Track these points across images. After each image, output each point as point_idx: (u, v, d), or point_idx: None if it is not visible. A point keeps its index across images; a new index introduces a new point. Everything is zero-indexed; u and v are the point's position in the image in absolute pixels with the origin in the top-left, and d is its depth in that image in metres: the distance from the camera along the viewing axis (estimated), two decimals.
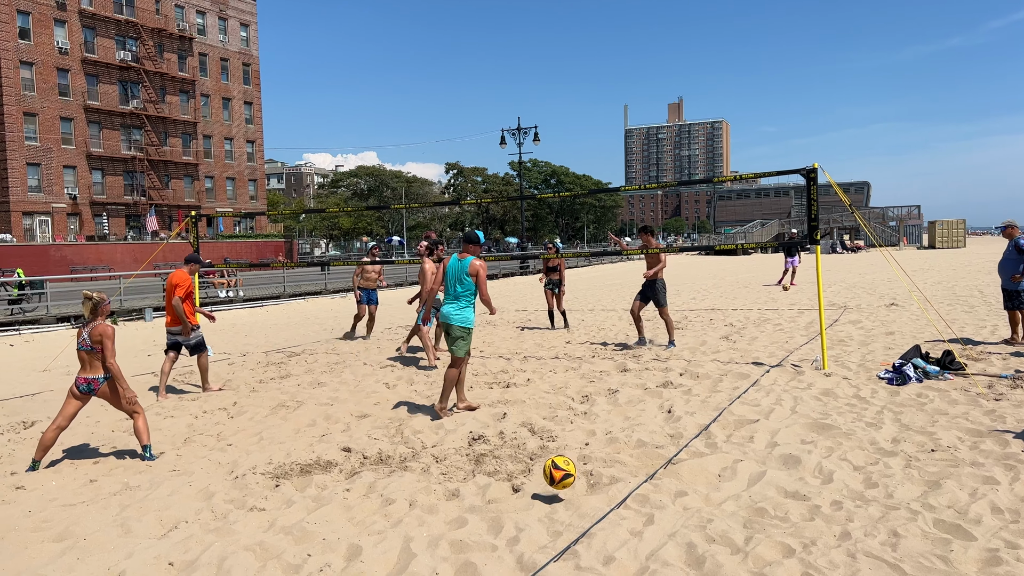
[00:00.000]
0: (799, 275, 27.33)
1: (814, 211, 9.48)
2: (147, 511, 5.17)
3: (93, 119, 56.78)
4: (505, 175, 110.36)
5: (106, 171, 57.96)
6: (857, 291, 21.17)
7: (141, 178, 60.28)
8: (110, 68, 57.60)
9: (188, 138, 64.17)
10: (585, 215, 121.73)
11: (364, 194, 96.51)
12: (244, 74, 69.69)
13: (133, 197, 59.60)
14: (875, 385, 8.32)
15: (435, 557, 4.27)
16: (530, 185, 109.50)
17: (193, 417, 8.05)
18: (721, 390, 8.40)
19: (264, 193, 73.20)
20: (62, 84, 54.65)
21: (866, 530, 4.39)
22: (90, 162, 56.77)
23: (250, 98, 70.26)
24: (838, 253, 58.38)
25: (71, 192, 55.44)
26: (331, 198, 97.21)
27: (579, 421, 7.25)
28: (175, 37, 62.61)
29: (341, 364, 11.30)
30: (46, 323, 18.80)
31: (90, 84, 56.44)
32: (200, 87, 65.06)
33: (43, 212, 53.95)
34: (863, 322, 13.96)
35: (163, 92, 61.73)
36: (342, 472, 5.91)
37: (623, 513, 4.82)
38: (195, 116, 64.37)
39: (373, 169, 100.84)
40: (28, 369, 12.08)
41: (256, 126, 71.00)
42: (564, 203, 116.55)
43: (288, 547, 4.47)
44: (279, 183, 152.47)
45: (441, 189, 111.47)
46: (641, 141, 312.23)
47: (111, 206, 58.21)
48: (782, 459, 5.79)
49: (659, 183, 11.05)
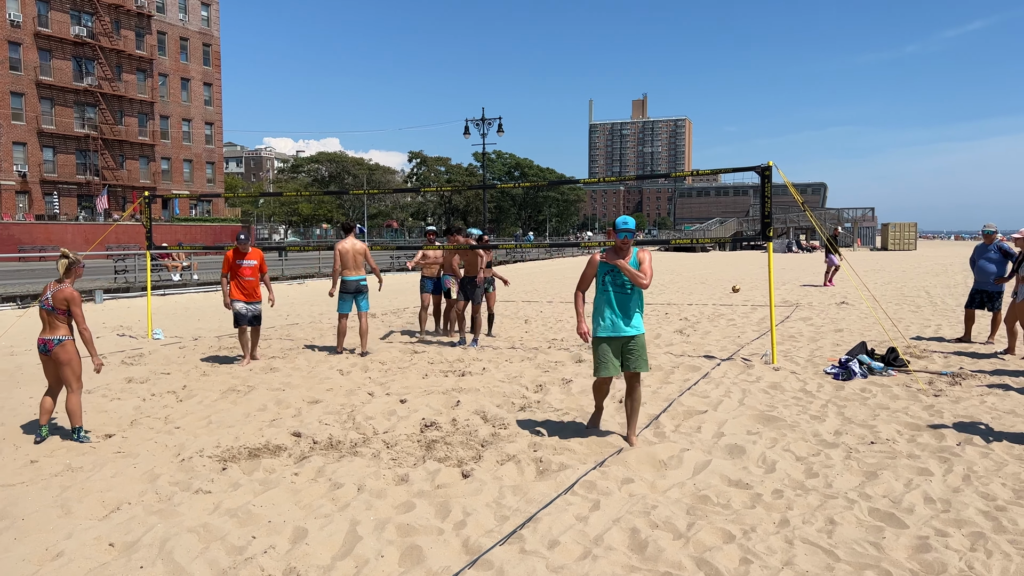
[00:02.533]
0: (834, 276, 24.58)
1: (768, 208, 9.65)
2: (89, 492, 5.09)
3: (45, 95, 55.22)
4: (469, 166, 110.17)
5: (58, 149, 56.43)
6: (809, 290, 21.59)
7: (95, 157, 58.81)
8: (64, 43, 56.03)
9: (144, 118, 62.77)
10: (548, 208, 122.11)
11: (325, 180, 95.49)
12: (204, 54, 68.35)
13: (86, 176, 58.14)
14: (821, 380, 8.52)
15: (381, 540, 4.27)
16: (493, 176, 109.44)
17: (141, 400, 7.92)
18: (672, 382, 8.52)
19: (222, 176, 71.98)
20: (13, 58, 53.02)
21: (804, 518, 4.51)
22: (41, 139, 55.22)
23: (210, 79, 68.95)
24: (794, 252, 59.42)
25: (20, 169, 53.88)
26: (291, 183, 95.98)
27: (532, 409, 7.30)
28: (133, 14, 61.12)
29: (295, 350, 11.20)
30: None
31: (43, 59, 54.85)
32: (158, 66, 63.64)
33: None
34: (813, 319, 14.25)
35: (119, 70, 60.26)
36: (291, 456, 5.87)
37: (570, 499, 4.88)
38: (152, 96, 62.97)
39: (335, 155, 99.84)
40: None
41: (215, 108, 69.72)
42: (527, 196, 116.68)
43: (233, 529, 4.44)
44: (238, 167, 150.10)
45: (404, 178, 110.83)
46: (605, 137, 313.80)
47: (63, 185, 56.72)
48: (727, 449, 5.91)
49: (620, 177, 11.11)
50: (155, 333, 12.98)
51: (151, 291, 13.47)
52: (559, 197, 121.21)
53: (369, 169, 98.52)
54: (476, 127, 44.36)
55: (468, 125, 43.49)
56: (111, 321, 15.40)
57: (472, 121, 43.93)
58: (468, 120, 43.58)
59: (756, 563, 3.92)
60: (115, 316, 16.34)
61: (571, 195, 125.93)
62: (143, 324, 14.48)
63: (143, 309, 16.84)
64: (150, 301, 13.69)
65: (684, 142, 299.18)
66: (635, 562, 3.99)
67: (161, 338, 12.79)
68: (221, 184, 71.04)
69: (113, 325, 14.65)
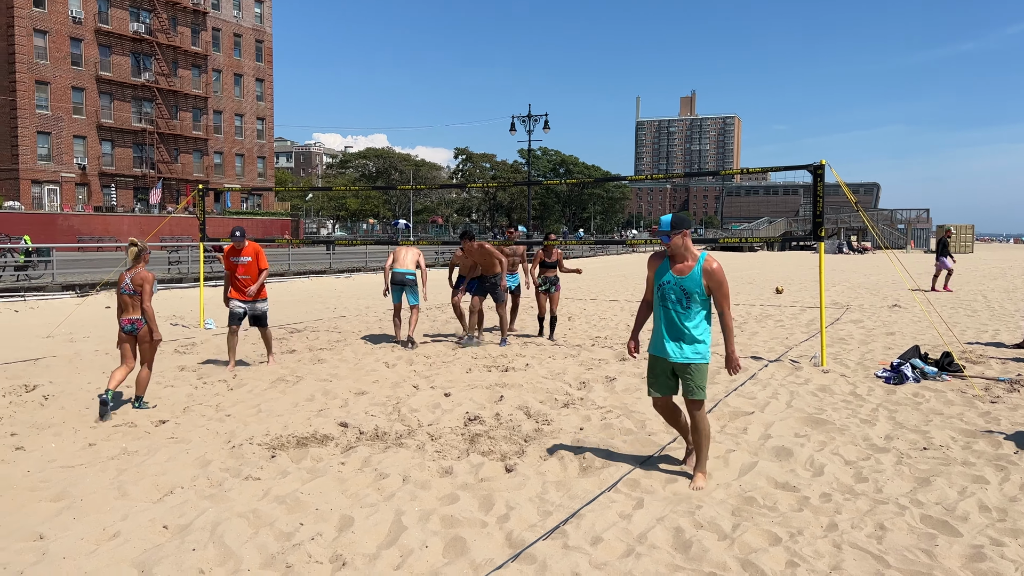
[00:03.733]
0: (952, 280, 22.68)
1: (819, 208, 9.48)
2: (144, 476, 5.23)
3: (104, 90, 56.82)
4: (514, 163, 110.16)
5: (116, 142, 58.03)
6: (860, 291, 21.16)
7: (150, 151, 60.34)
8: (123, 39, 57.56)
9: (199, 113, 64.18)
10: (592, 206, 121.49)
11: (372, 176, 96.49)
12: (257, 50, 69.61)
13: (142, 169, 59.68)
14: (872, 383, 8.35)
15: (425, 531, 4.32)
16: (538, 173, 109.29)
17: (193, 387, 8.11)
18: (718, 382, 8.43)
19: (272, 171, 73.24)
20: (75, 54, 54.66)
21: (853, 522, 4.43)
22: (100, 133, 56.84)
23: (262, 75, 70.19)
24: (844, 253, 58.26)
25: (80, 162, 55.55)
26: (339, 178, 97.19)
27: (575, 406, 7.30)
28: (189, 11, 62.51)
29: (342, 342, 11.36)
30: (51, 291, 18.90)
31: (103, 55, 56.43)
32: (212, 62, 65.01)
33: (52, 181, 54.08)
34: (864, 322, 13.97)
35: (175, 66, 61.70)
36: (338, 446, 5.97)
37: (613, 496, 4.87)
38: (206, 91, 64.35)
39: (382, 151, 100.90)
40: (31, 335, 12.16)
41: (267, 103, 70.96)
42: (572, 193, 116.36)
43: (281, 516, 4.53)
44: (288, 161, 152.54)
45: (449, 174, 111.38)
46: (652, 134, 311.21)
47: (119, 177, 58.31)
48: (774, 451, 5.83)
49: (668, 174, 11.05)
50: (207, 323, 13.28)
51: (204, 282, 13.78)
52: (604, 195, 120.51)
53: (415, 165, 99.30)
54: (522, 124, 44.37)
55: (514, 122, 43.53)
56: (164, 311, 15.78)
57: (518, 118, 43.96)
58: (514, 117, 43.62)
59: (803, 566, 3.87)
60: (168, 306, 16.75)
61: (616, 193, 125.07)
62: (195, 314, 14.82)
63: (195, 299, 17.22)
64: (203, 292, 14.00)
65: (733, 140, 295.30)
66: (679, 561, 3.97)
67: (213, 328, 13.08)
68: (272, 178, 72.30)
69: (166, 314, 15.02)
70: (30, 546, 4.13)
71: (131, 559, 3.97)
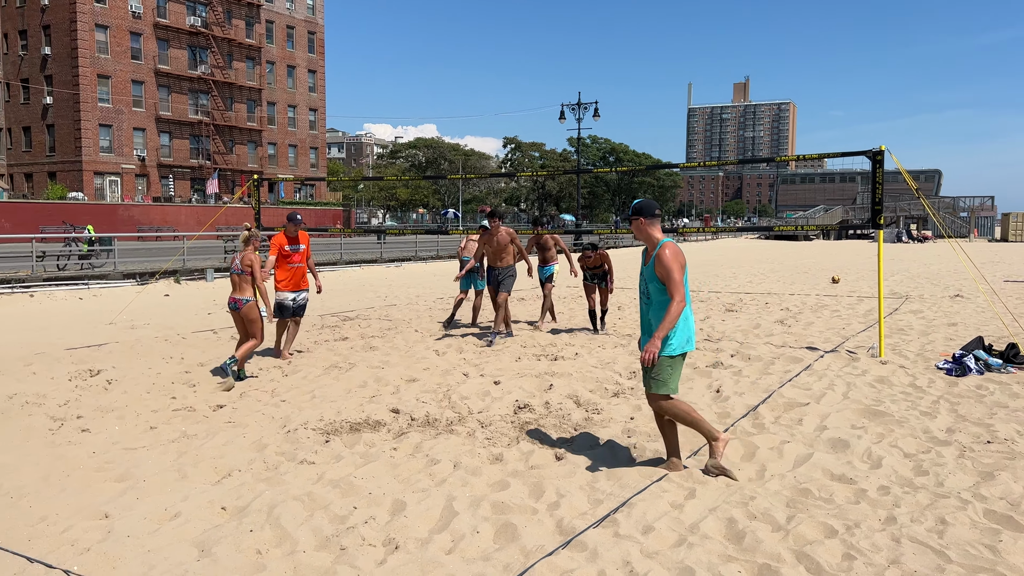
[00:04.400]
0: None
1: (879, 195, 9.23)
2: (202, 459, 5.37)
3: (163, 83, 58.22)
4: (563, 151, 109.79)
5: (173, 134, 59.46)
6: (920, 281, 20.58)
7: (207, 142, 61.68)
8: (180, 33, 58.86)
9: (253, 104, 65.33)
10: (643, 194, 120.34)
11: (422, 166, 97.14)
12: (309, 42, 70.52)
13: (198, 160, 61.07)
14: (933, 375, 8.12)
15: (476, 516, 4.35)
16: (588, 162, 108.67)
17: (249, 373, 8.29)
18: (772, 373, 8.30)
19: (325, 161, 74.26)
20: (134, 48, 56.10)
21: (912, 516, 4.32)
22: (159, 125, 58.30)
23: (314, 66, 71.10)
24: (904, 242, 56.71)
25: (140, 154, 57.07)
26: (389, 168, 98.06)
27: (625, 395, 7.26)
28: (243, 4, 63.58)
29: (393, 330, 11.48)
30: (113, 279, 19.48)
31: (161, 48, 57.81)
32: (266, 54, 66.07)
33: (113, 172, 55.69)
34: (924, 312, 13.59)
35: (230, 58, 62.88)
36: (390, 432, 6.04)
37: (664, 486, 4.83)
38: (260, 83, 65.46)
39: (432, 141, 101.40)
40: (95, 321, 12.57)
41: (319, 94, 71.88)
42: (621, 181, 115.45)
43: (335, 499, 4.61)
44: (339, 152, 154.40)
45: (498, 163, 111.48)
46: (704, 121, 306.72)
47: (177, 168, 59.76)
48: (830, 443, 5.72)
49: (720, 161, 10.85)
50: (262, 311, 13.51)
51: None
52: (655, 183, 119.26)
53: (464, 155, 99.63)
54: (572, 112, 44.16)
55: (564, 110, 43.33)
56: (221, 298, 16.16)
57: (568, 106, 43.74)
58: (564, 105, 43.42)
59: (860, 560, 3.79)
60: (224, 294, 17.12)
61: (667, 181, 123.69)
62: None
63: None
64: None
65: (788, 127, 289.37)
66: (732, 552, 3.93)
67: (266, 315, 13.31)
68: (324, 168, 73.31)
69: (223, 302, 15.36)
70: (96, 524, 4.28)
71: (191, 538, 4.08)
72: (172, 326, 12.05)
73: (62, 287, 17.83)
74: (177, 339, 10.67)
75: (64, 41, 53.17)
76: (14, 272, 18.46)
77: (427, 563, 3.80)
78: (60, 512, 4.44)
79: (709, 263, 29.90)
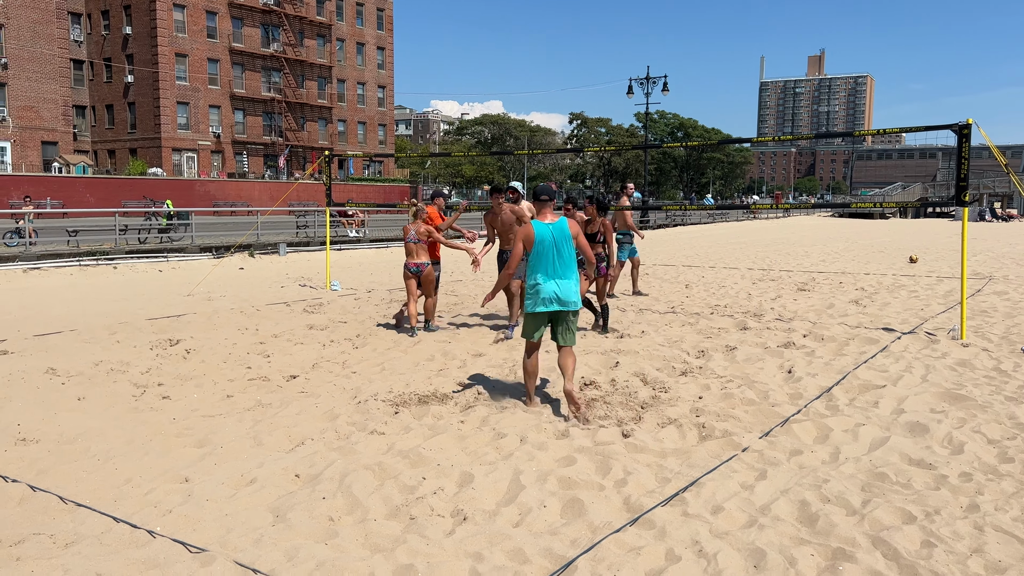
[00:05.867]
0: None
1: (964, 170, 8.82)
2: (277, 427, 5.53)
3: (237, 61, 59.47)
4: (630, 127, 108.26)
5: (247, 111, 60.79)
6: (1005, 261, 19.67)
7: (279, 119, 62.89)
8: (253, 11, 59.93)
9: (323, 82, 66.24)
10: (711, 170, 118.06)
11: (488, 142, 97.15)
12: (378, 19, 70.99)
13: (271, 137, 62.35)
14: (1019, 359, 7.77)
15: (543, 491, 4.37)
16: (655, 138, 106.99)
17: (321, 346, 8.48)
18: (847, 354, 8.07)
19: (393, 138, 74.95)
20: (210, 26, 57.39)
21: (997, 504, 4.16)
22: (233, 102, 59.66)
23: (383, 43, 71.61)
24: (987, 221, 54.24)
25: (215, 131, 58.58)
26: (455, 145, 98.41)
27: (694, 375, 7.16)
28: None
29: (459, 305, 11.58)
30: (190, 252, 20.14)
31: (235, 27, 58.99)
32: (336, 31, 66.80)
33: (190, 149, 57.32)
34: (1010, 294, 12.99)
35: (301, 36, 63.79)
36: (457, 405, 6.10)
37: (734, 466, 4.76)
38: (331, 60, 66.28)
39: (498, 117, 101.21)
40: (174, 293, 13.02)
41: (387, 71, 72.44)
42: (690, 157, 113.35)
43: (405, 469, 4.69)
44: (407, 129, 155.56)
45: (564, 139, 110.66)
46: (777, 95, 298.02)
47: (251, 145, 61.15)
48: (908, 426, 5.54)
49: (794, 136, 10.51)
50: (333, 285, 13.82)
51: (330, 246, 14.32)
52: (724, 159, 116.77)
53: (530, 131, 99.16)
54: (640, 86, 43.39)
55: (632, 84, 42.63)
56: (293, 272, 16.55)
57: (636, 80, 43.00)
58: (632, 79, 42.70)
59: (940, 547, 3.66)
60: (296, 268, 17.54)
61: (737, 157, 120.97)
62: (322, 276, 15.44)
63: (322, 262, 17.94)
64: (329, 255, 14.56)
65: (865, 101, 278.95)
66: (804, 535, 3.85)
67: (338, 289, 13.61)
68: (392, 145, 74.04)
69: (295, 276, 15.74)
70: (177, 488, 4.45)
71: (267, 504, 4.21)
72: (247, 298, 12.39)
73: (143, 259, 18.53)
74: (252, 311, 10.97)
75: (144, 20, 54.73)
76: (99, 244, 19.26)
77: (495, 535, 3.83)
78: (143, 475, 4.64)
79: (780, 241, 29.17)
